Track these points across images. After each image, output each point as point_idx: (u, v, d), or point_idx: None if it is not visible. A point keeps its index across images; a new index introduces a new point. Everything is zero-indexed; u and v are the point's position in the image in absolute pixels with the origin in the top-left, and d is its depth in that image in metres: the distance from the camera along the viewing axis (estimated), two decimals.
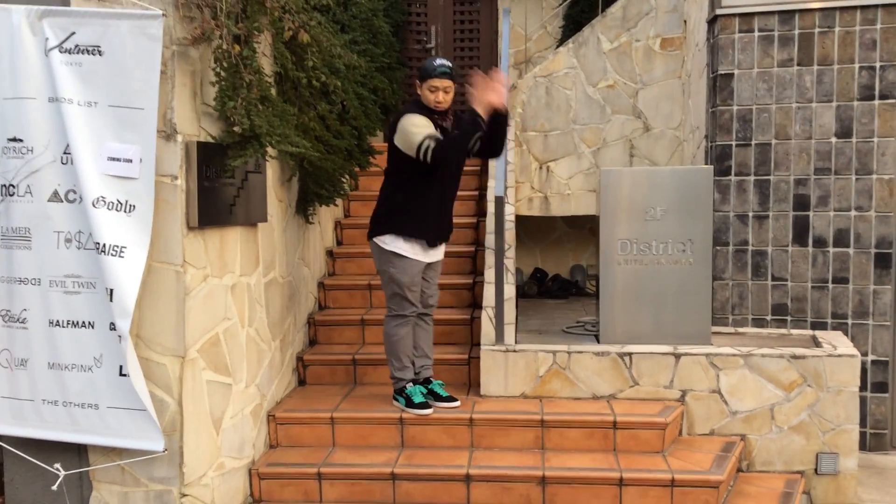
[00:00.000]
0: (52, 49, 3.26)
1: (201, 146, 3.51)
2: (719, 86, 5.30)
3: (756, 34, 5.23)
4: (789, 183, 5.23)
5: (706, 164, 5.52)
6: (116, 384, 3.39)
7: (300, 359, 5.00)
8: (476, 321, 5.12)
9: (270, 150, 3.80)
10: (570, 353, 4.51)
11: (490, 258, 4.88)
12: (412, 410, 4.32)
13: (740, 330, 5.17)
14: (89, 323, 3.38)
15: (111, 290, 3.26)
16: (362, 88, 5.23)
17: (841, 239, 5.16)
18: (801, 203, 5.21)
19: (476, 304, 5.46)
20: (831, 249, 5.17)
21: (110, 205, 3.27)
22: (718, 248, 5.30)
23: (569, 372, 4.51)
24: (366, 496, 4.03)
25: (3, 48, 3.30)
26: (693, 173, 4.72)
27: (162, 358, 3.46)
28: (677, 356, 4.43)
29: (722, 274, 5.32)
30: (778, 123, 5.23)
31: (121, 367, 3.36)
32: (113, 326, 3.31)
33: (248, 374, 4.13)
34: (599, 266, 4.70)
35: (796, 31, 5.17)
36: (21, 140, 3.34)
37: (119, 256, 3.25)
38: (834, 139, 5.16)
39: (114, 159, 3.27)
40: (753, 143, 5.27)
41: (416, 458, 4.14)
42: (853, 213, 5.13)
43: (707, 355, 4.41)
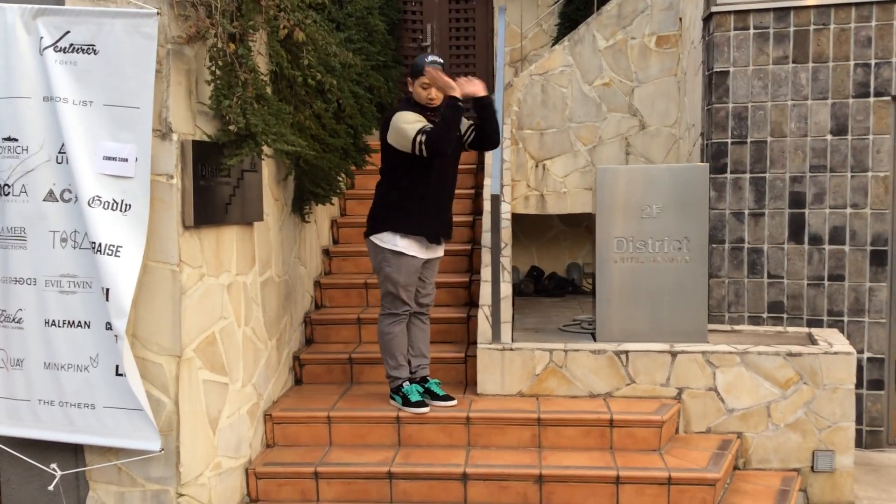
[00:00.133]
0: (47, 48, 3.25)
1: (197, 145, 3.50)
2: (715, 83, 5.31)
3: (751, 31, 5.24)
4: (785, 180, 5.23)
5: (702, 161, 5.53)
6: (113, 384, 3.38)
7: (297, 358, 4.99)
8: (472, 319, 5.12)
9: (266, 149, 3.80)
10: (566, 351, 4.52)
11: (486, 256, 4.88)
12: (409, 409, 4.32)
13: (736, 328, 5.18)
14: (85, 323, 3.37)
15: (107, 290, 3.25)
16: (358, 87, 5.23)
17: (837, 236, 5.16)
18: (797, 200, 5.22)
19: (472, 302, 5.46)
20: (827, 247, 5.18)
21: (106, 204, 3.26)
22: (714, 245, 5.31)
23: (565, 370, 4.51)
24: (363, 495, 4.03)
25: None
26: (689, 171, 4.73)
27: (158, 357, 3.45)
28: (674, 354, 4.43)
29: (718, 272, 5.33)
30: (773, 121, 5.23)
31: (117, 366, 3.36)
32: (109, 326, 3.31)
33: (245, 374, 4.12)
34: (596, 264, 4.70)
35: (791, 29, 5.18)
36: (16, 139, 3.33)
37: (115, 256, 3.24)
38: (829, 136, 5.16)
39: (109, 158, 3.27)
40: (749, 140, 5.28)
41: (413, 457, 4.14)
42: (849, 210, 5.15)
43: (703, 353, 4.41)
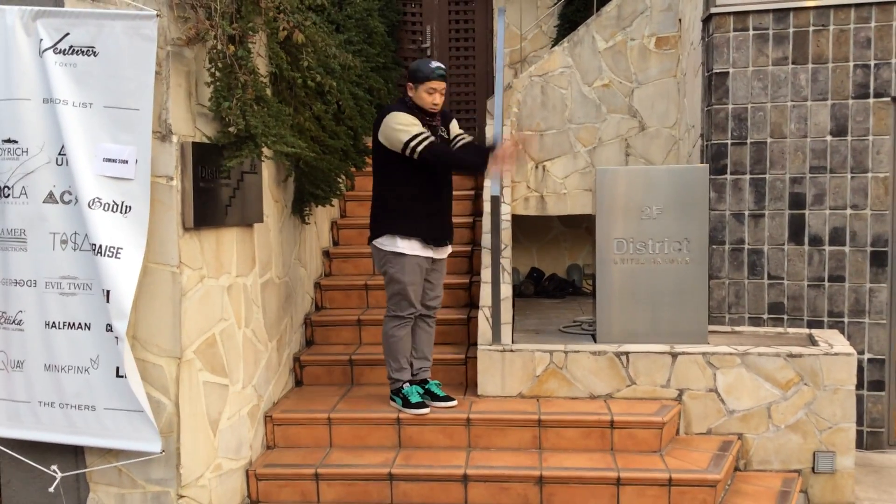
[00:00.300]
0: (47, 50, 3.25)
1: (196, 147, 3.50)
2: (714, 84, 5.31)
3: (751, 33, 5.24)
4: (785, 181, 5.23)
5: (702, 162, 5.53)
6: (113, 386, 3.38)
7: (297, 359, 4.99)
8: (473, 321, 5.12)
9: (266, 151, 3.80)
10: (566, 352, 4.51)
11: (486, 258, 4.88)
12: (409, 410, 4.31)
13: (737, 329, 5.17)
14: (85, 324, 3.37)
15: (107, 292, 3.25)
16: (357, 88, 5.23)
17: (837, 237, 5.16)
18: (797, 201, 5.22)
19: (473, 303, 5.46)
20: (827, 248, 5.18)
21: (106, 206, 3.26)
22: (714, 246, 5.31)
23: (566, 371, 4.51)
24: (363, 497, 4.03)
25: None
26: (689, 172, 4.73)
27: (158, 359, 3.45)
28: (674, 355, 4.43)
29: (718, 273, 5.33)
30: (773, 122, 5.23)
31: (117, 368, 3.36)
32: (109, 328, 3.31)
33: (245, 375, 4.12)
34: (596, 265, 4.70)
35: (791, 30, 5.18)
36: (16, 141, 3.33)
37: (115, 258, 3.24)
38: (829, 137, 5.16)
39: (109, 160, 3.27)
40: (749, 141, 5.28)
41: (414, 459, 4.14)
42: (849, 211, 5.14)
43: (704, 354, 4.41)
